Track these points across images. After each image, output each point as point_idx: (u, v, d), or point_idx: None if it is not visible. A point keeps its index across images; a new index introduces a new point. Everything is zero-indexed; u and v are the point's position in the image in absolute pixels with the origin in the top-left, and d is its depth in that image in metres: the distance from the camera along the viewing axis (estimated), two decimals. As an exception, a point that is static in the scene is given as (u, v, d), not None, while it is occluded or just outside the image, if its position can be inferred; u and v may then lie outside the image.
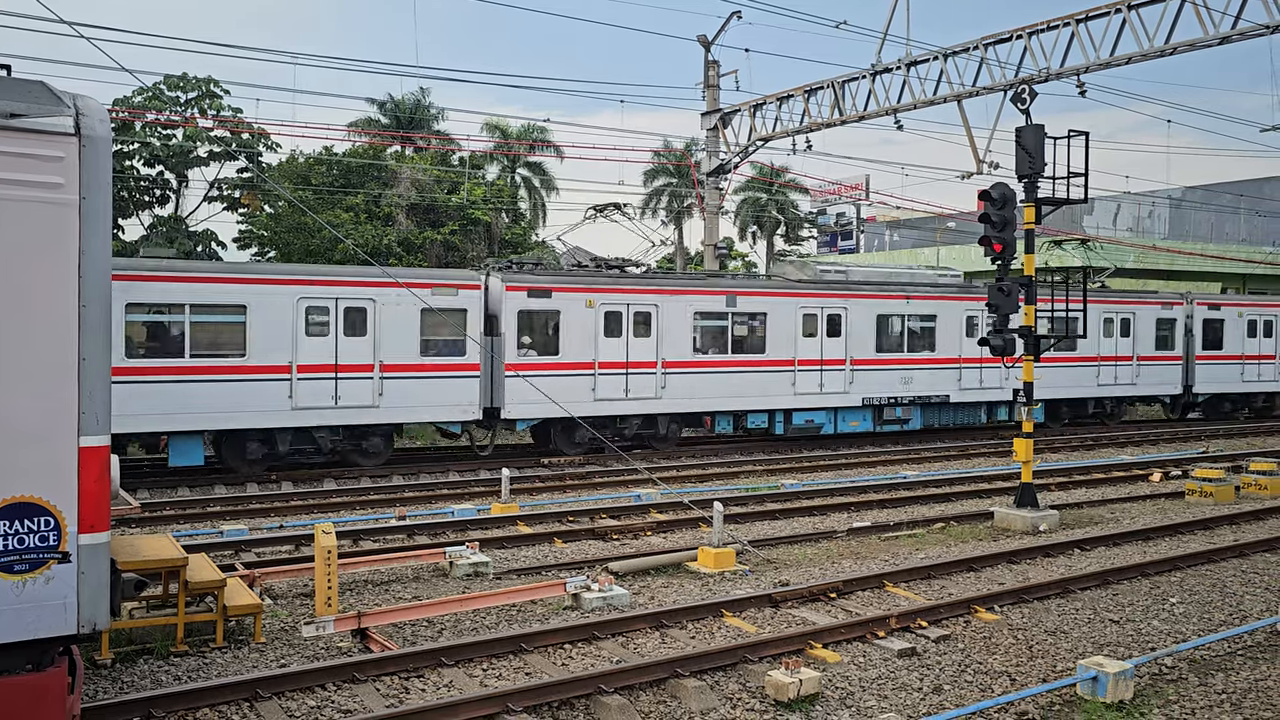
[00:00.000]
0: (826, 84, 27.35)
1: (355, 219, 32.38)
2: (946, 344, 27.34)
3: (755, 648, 9.26)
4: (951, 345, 27.39)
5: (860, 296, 26.07)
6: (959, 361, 27.43)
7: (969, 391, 27.75)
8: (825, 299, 25.51)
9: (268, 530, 15.36)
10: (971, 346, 27.16)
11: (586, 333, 22.38)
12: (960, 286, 28.21)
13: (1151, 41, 20.86)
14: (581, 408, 21.71)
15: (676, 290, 23.60)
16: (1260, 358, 33.45)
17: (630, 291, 23.08)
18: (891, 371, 26.43)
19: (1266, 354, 33.66)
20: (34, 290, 5.76)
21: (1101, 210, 62.99)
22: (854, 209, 64.20)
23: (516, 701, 7.95)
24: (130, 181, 32.15)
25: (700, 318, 23.95)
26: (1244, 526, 16.05)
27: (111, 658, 9.04)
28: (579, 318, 22.27)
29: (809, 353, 25.21)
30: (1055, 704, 8.52)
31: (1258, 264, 51.35)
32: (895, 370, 26.49)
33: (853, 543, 14.91)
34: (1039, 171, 15.73)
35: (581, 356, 22.38)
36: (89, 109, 5.96)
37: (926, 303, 27.14)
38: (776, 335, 24.77)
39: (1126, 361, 30.59)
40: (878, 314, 26.31)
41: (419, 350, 20.72)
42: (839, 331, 25.62)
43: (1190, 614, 11.02)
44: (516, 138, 41.82)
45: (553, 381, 21.14)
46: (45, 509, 5.77)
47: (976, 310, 27.60)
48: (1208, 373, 32.16)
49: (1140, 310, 30.88)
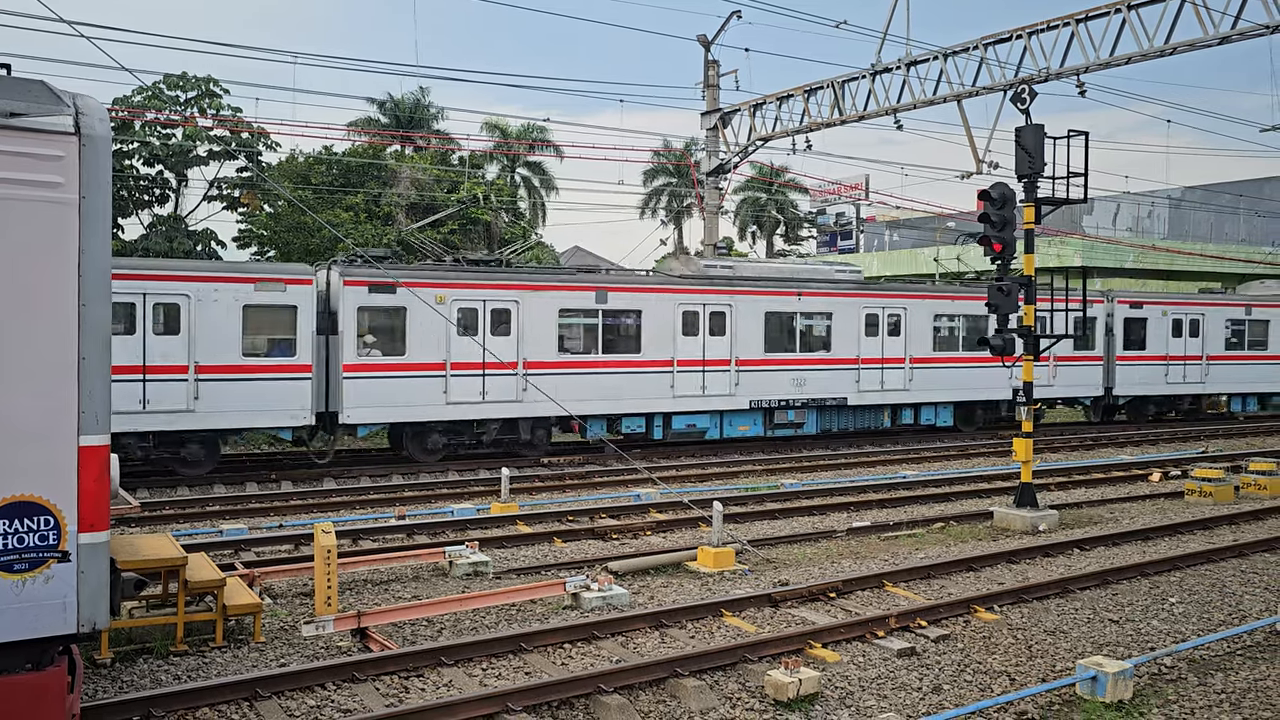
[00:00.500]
0: (826, 84, 27.35)
1: (355, 218, 32.38)
2: (844, 344, 26.02)
3: (755, 647, 9.26)
4: (849, 345, 26.10)
5: (747, 293, 24.68)
6: (858, 362, 26.19)
7: (869, 394, 26.44)
8: (708, 295, 24.12)
9: (267, 530, 15.37)
10: (872, 346, 26.33)
11: (437, 331, 20.83)
12: (860, 283, 27.04)
13: (1151, 41, 20.86)
14: (432, 411, 20.81)
15: (539, 285, 22.13)
16: (1186, 358, 31.95)
17: (487, 287, 21.60)
18: (783, 372, 25.11)
19: (1193, 354, 32.10)
20: (34, 289, 5.76)
21: (1101, 210, 63.02)
22: (854, 209, 64.25)
23: (516, 701, 7.95)
24: (129, 181, 32.10)
25: (567, 315, 22.53)
26: (1243, 526, 16.05)
27: (111, 657, 9.05)
28: (428, 315, 20.61)
29: (690, 353, 23.82)
30: (1055, 704, 8.52)
31: (1257, 264, 51.38)
32: (787, 371, 25.18)
33: (852, 542, 14.91)
34: (1039, 171, 15.74)
35: (432, 357, 20.92)
36: (89, 108, 5.96)
37: (822, 300, 25.79)
38: (653, 334, 23.37)
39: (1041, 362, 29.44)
40: (766, 311, 24.90)
41: (240, 350, 19.33)
42: (724, 330, 24.29)
43: (1190, 614, 11.02)
44: (516, 137, 41.81)
45: (399, 384, 20.32)
46: (45, 508, 5.77)
47: (877, 308, 26.46)
48: (1130, 374, 30.62)
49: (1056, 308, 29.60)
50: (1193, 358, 31.99)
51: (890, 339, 26.67)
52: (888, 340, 26.62)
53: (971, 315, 27.86)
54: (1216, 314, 32.56)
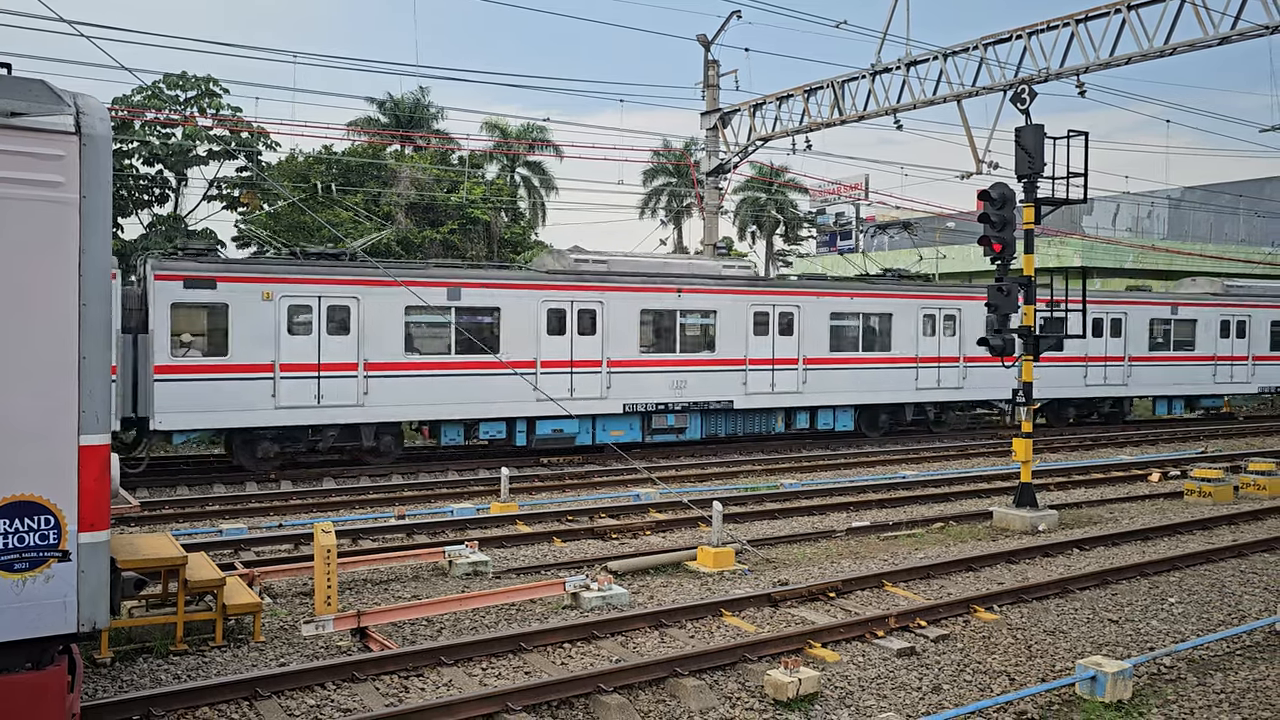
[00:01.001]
0: (826, 84, 27.36)
1: (355, 218, 32.40)
2: (730, 343, 24.47)
3: (754, 647, 9.27)
4: (736, 345, 24.56)
5: (621, 289, 23.13)
6: (745, 363, 24.63)
7: (758, 397, 24.89)
8: (576, 292, 22.63)
9: (267, 529, 15.38)
10: (761, 346, 24.90)
11: (264, 330, 19.45)
12: (748, 280, 25.52)
13: (1151, 42, 20.87)
14: (260, 416, 19.49)
15: (381, 281, 20.32)
16: (1107, 359, 30.32)
17: (321, 282, 20.10)
18: (661, 374, 23.61)
19: (1114, 355, 30.49)
20: (34, 289, 5.76)
21: (1101, 210, 63.01)
22: (853, 209, 64.25)
23: (516, 701, 7.95)
24: (129, 180, 32.11)
25: (415, 312, 20.93)
26: (1243, 526, 16.06)
27: (111, 656, 9.05)
28: (253, 312, 19.34)
29: (556, 353, 22.36)
30: (1054, 703, 8.52)
31: (1256, 264, 51.44)
32: (666, 372, 23.67)
33: (852, 542, 14.91)
34: (1038, 171, 15.74)
35: (258, 357, 19.43)
36: (89, 108, 5.96)
37: (705, 297, 24.28)
38: (513, 333, 21.93)
39: (951, 363, 27.64)
40: (642, 309, 23.34)
41: None
42: (594, 329, 22.80)
43: (1189, 614, 11.02)
44: (516, 137, 41.81)
45: (221, 386, 19.04)
46: (45, 508, 5.78)
47: (767, 306, 24.99)
48: (1046, 376, 27.52)
49: (966, 306, 27.70)
50: (1114, 359, 30.59)
51: (782, 338, 25.19)
52: (779, 340, 25.15)
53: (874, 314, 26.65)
54: (1140, 313, 31.06)
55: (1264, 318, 33.73)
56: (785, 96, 28.65)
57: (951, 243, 48.76)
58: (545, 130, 42.20)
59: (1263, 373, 33.77)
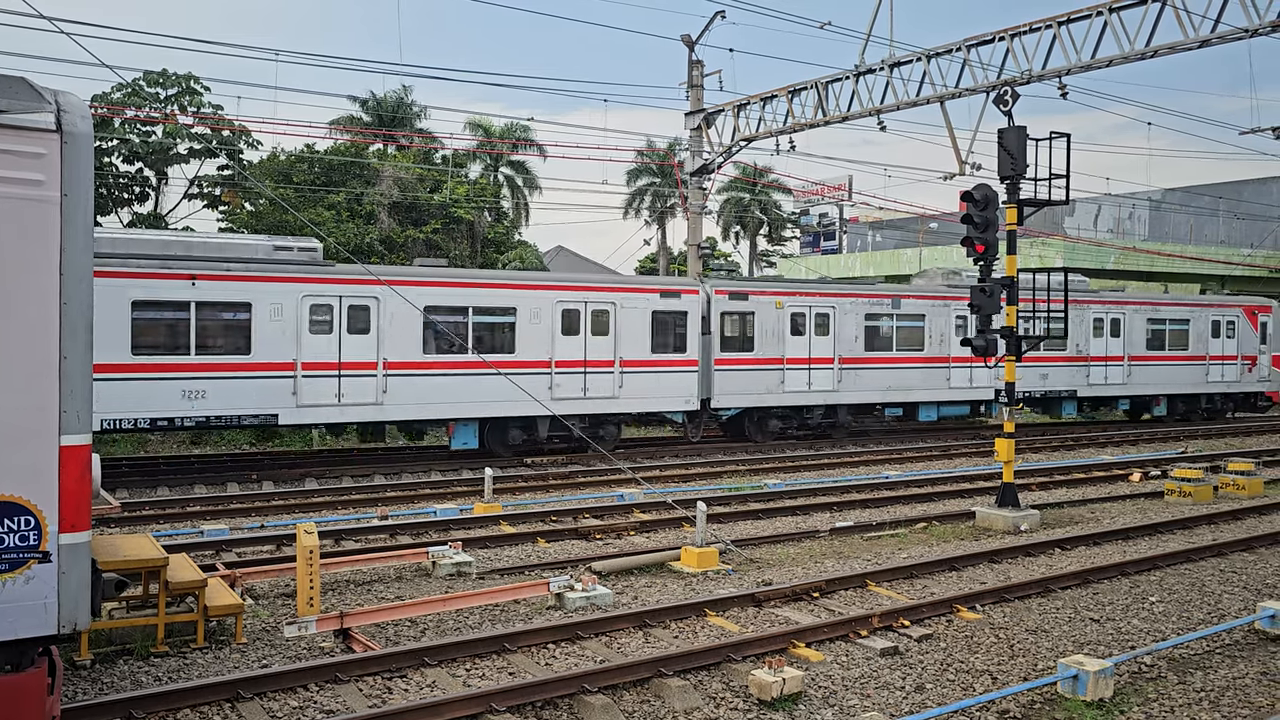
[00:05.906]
0: (810, 84, 27.40)
1: (337, 217, 32.25)
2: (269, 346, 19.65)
3: (738, 647, 9.28)
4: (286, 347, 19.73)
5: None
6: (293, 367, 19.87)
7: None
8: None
9: (249, 530, 15.28)
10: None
11: None
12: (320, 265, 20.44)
13: (1132, 44, 20.99)
14: None
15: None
16: (813, 361, 26.02)
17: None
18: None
19: (821, 357, 26.18)
20: (14, 288, 5.71)
21: (1083, 211, 63.47)
22: (837, 209, 64.48)
23: (500, 701, 7.93)
24: (109, 178, 31.90)
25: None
26: (1222, 526, 16.19)
27: (91, 658, 8.98)
28: None
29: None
30: (1036, 702, 8.57)
31: (1236, 265, 51.85)
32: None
33: (835, 542, 14.95)
34: (1021, 173, 15.82)
35: None
36: (70, 105, 5.92)
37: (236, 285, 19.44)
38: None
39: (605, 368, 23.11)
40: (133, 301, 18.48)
41: None
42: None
43: (1169, 613, 11.11)
44: (499, 136, 41.73)
45: None
46: (26, 508, 5.73)
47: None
48: (729, 381, 24.83)
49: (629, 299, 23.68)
50: (823, 360, 26.28)
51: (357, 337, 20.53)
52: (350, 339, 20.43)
53: None
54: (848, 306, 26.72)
55: None
56: (769, 97, 28.68)
57: (935, 244, 48.94)
58: (529, 130, 42.15)
59: None
